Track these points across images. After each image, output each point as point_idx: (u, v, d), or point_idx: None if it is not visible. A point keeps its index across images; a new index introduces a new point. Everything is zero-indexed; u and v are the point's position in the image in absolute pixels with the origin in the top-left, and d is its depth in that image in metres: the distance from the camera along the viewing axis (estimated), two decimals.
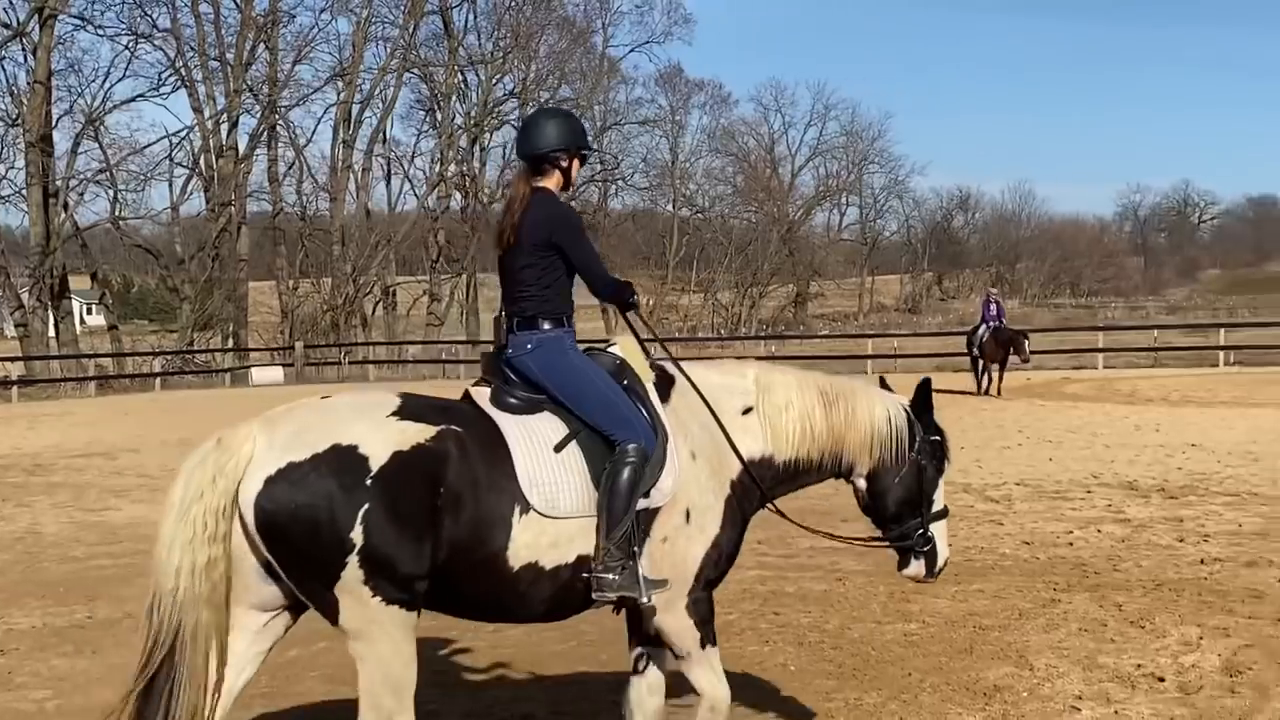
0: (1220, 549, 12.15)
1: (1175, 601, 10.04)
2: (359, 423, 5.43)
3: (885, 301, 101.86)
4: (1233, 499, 15.18)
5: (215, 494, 5.26)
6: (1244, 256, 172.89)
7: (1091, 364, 45.13)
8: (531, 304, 6.02)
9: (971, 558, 12.14)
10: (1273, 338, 50.34)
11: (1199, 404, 28.74)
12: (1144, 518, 14.06)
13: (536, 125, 6.13)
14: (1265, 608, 9.72)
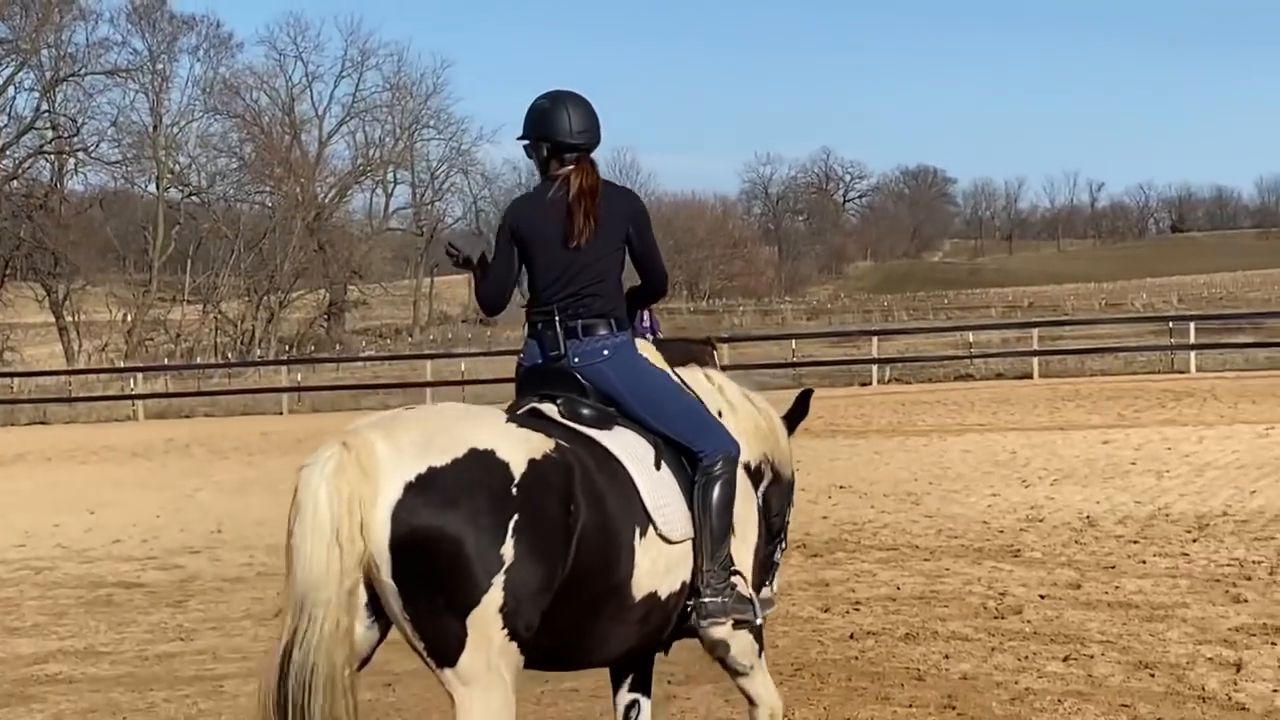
0: (874, 619, 12.69)
1: (819, 690, 10.40)
2: (485, 427, 6.11)
3: (449, 310, 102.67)
4: (889, 554, 15.92)
5: (358, 508, 5.68)
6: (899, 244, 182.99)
7: None
8: (599, 304, 7.01)
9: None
10: (933, 346, 53.48)
11: (849, 434, 30.09)
12: (781, 583, 14.47)
13: (580, 105, 7.33)
14: (928, 692, 10.18)
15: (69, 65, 76.75)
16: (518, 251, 7.13)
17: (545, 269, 7.03)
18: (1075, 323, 62.94)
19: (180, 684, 11.36)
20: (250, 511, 22.17)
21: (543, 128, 7.15)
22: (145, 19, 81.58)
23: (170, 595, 15.69)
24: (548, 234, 7.00)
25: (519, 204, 7.31)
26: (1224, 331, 52.67)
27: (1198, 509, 18.14)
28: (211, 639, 13.14)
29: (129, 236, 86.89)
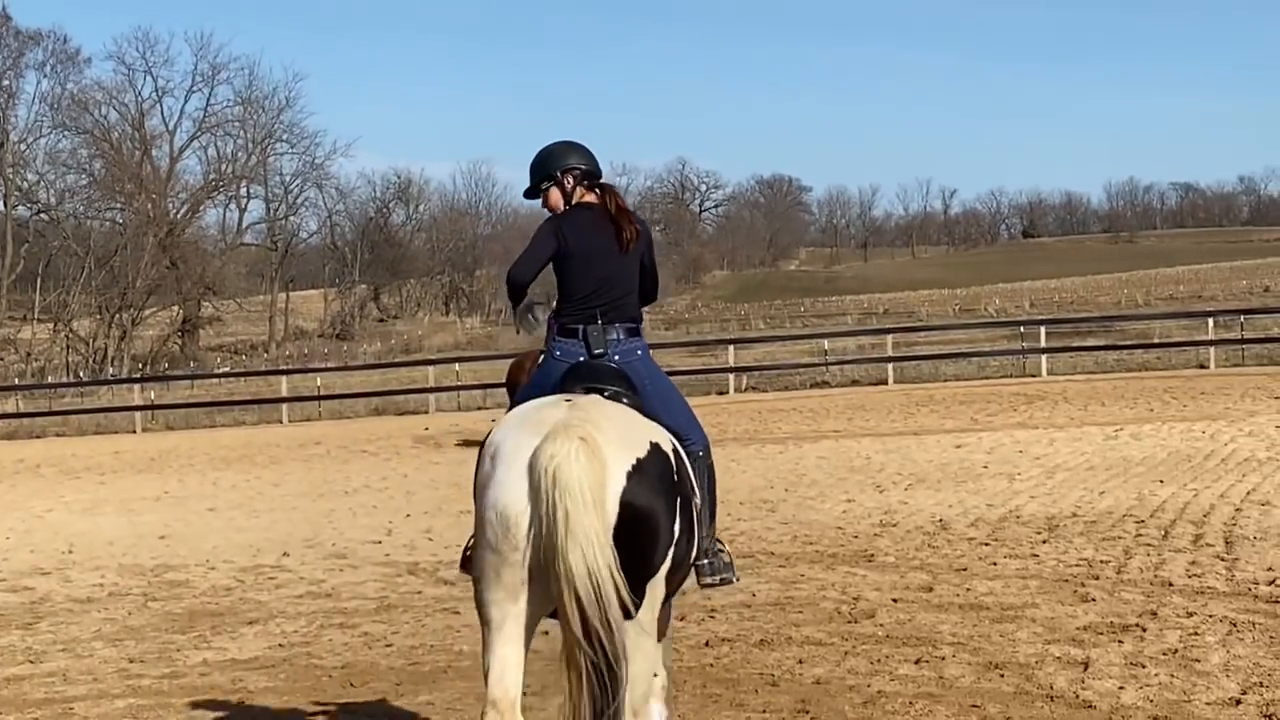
0: (729, 626, 12.78)
1: (674, 697, 10.45)
2: (647, 424, 7.38)
3: (305, 325, 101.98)
4: (745, 561, 16.00)
5: (601, 488, 6.82)
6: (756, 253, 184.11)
7: None
8: (632, 309, 8.31)
9: (417, 660, 12.26)
10: (790, 354, 53.88)
11: None
12: None
13: (582, 145, 8.50)
14: (782, 697, 10.28)
15: None
16: (564, 262, 8.18)
17: (590, 277, 8.13)
18: (929, 328, 63.65)
19: (29, 707, 11.21)
20: (102, 531, 21.93)
21: (570, 161, 8.32)
22: None
23: (20, 617, 15.46)
24: (595, 246, 8.11)
25: (568, 219, 8.23)
26: (1074, 335, 53.53)
27: (1048, 510, 18.42)
28: (62, 660, 12.97)
29: None
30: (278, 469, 30.91)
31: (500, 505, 6.83)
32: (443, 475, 27.35)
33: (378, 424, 42.97)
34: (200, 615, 14.88)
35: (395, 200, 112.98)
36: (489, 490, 6.93)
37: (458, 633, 13.25)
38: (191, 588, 16.63)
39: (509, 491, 6.83)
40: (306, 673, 12.03)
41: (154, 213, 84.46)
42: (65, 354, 78.54)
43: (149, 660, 12.65)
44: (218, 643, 13.45)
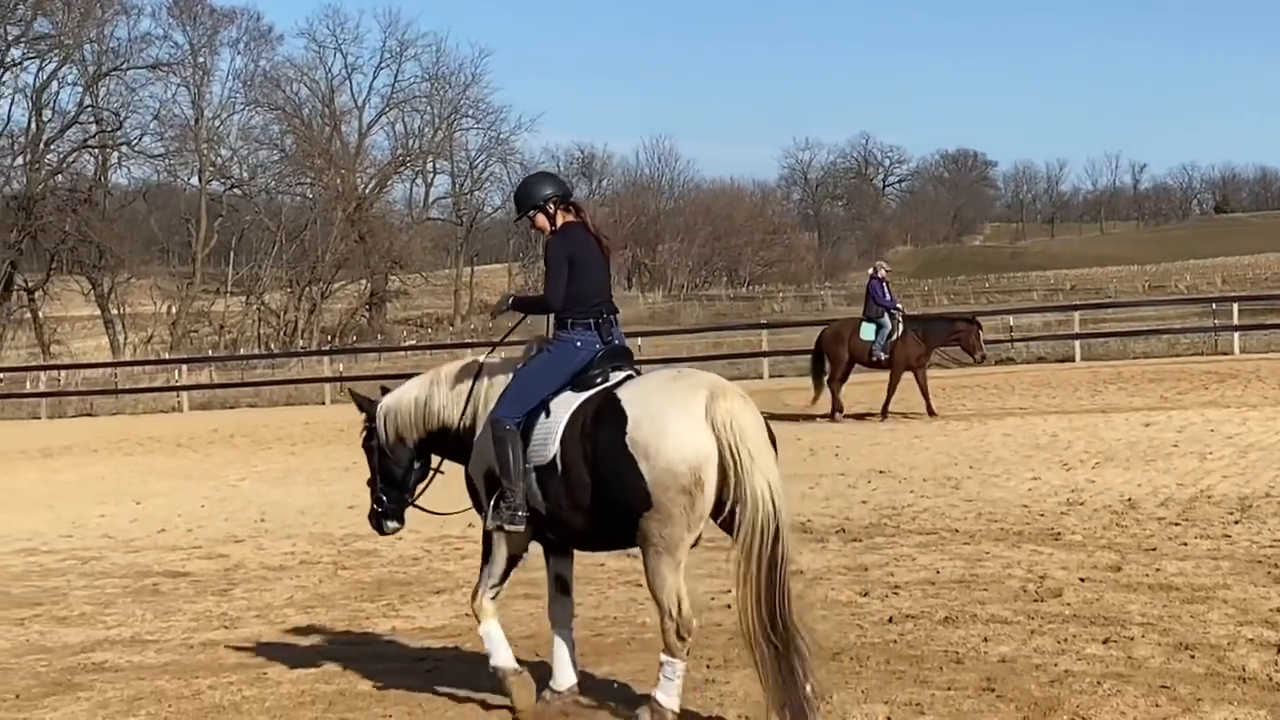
0: (913, 603, 12.71)
1: (858, 674, 10.43)
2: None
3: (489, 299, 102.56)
4: (929, 538, 15.93)
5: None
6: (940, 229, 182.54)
7: (755, 371, 46.65)
8: (613, 302, 10.09)
9: (601, 631, 12.32)
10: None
11: (889, 418, 30.06)
12: (819, 568, 14.58)
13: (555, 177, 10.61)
14: (966, 675, 10.20)
15: (111, 60, 77.13)
16: (572, 270, 9.79)
17: (592, 282, 9.87)
18: (1118, 305, 62.56)
19: (225, 671, 11.46)
20: (293, 500, 22.30)
21: (549, 191, 10.12)
22: (186, 13, 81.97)
23: (215, 584, 15.82)
24: (591, 256, 9.89)
25: (569, 237, 9.91)
26: (1268, 312, 52.24)
27: (1240, 491, 18.08)
28: (256, 627, 13.25)
29: (173, 229, 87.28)
30: None
31: (692, 456, 8.81)
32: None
33: None
34: (388, 584, 15.10)
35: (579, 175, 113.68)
36: (669, 449, 8.83)
37: (640, 605, 13.28)
38: (380, 557, 16.88)
39: (695, 444, 8.83)
40: None
41: (343, 188, 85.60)
42: (257, 326, 79.93)
43: (339, 628, 12.86)
44: (406, 611, 13.65)
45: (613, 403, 9.22)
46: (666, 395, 9.08)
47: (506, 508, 9.64)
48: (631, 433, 8.95)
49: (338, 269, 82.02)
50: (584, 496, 9.26)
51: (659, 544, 8.98)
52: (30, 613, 14.85)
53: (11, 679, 11.84)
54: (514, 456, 9.52)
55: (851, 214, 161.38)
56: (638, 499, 8.90)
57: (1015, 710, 9.32)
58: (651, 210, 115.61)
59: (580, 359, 9.70)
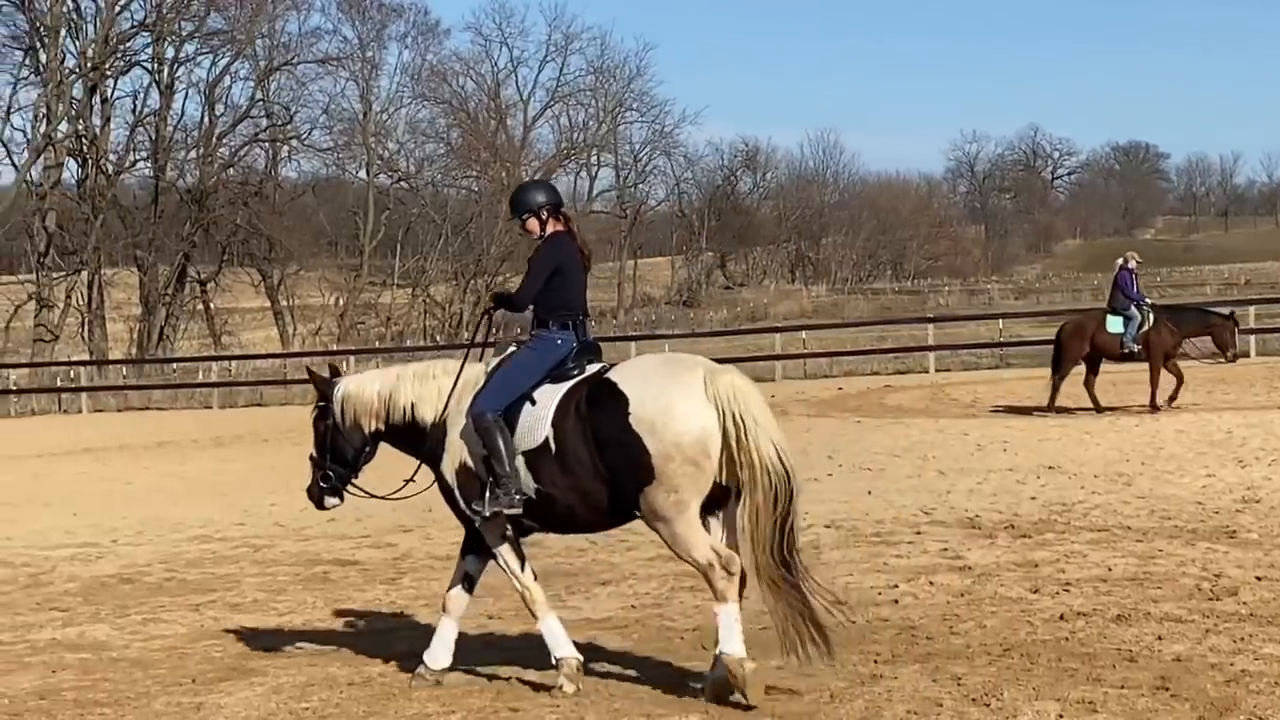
0: (1084, 600, 12.56)
1: (1029, 671, 10.33)
2: None
3: (653, 292, 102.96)
4: (1100, 535, 15.74)
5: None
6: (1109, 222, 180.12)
7: (920, 366, 46.36)
8: (586, 306, 10.96)
9: (767, 625, 12.30)
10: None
11: (1058, 413, 29.72)
12: (988, 564, 14.46)
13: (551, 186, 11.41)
14: (1140, 674, 10.07)
15: (282, 55, 78.19)
16: (555, 276, 10.63)
17: (577, 287, 10.74)
18: None
19: (395, 658, 11.59)
20: None
21: (544, 199, 10.85)
22: (355, 8, 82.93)
23: (384, 573, 16.03)
24: (575, 264, 10.72)
25: (559, 246, 10.71)
26: None
27: None
28: (424, 615, 13.38)
29: (340, 222, 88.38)
30: None
31: (698, 429, 9.67)
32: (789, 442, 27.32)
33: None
34: (555, 575, 15.16)
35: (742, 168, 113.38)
36: (676, 424, 9.69)
37: None
38: (546, 548, 16.93)
39: (701, 419, 9.71)
40: (658, 634, 12.19)
41: (508, 181, 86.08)
42: (423, 318, 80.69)
43: (506, 617, 12.97)
44: (572, 602, 13.71)
45: (608, 385, 10.10)
46: (665, 375, 10.03)
47: (504, 493, 10.27)
48: (635, 411, 9.81)
49: (502, 261, 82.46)
50: (581, 474, 10.07)
51: (670, 510, 9.76)
52: (205, 599, 15.13)
53: (187, 663, 12.08)
54: (504, 443, 10.24)
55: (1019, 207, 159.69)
56: (643, 472, 9.74)
57: (1190, 710, 9.18)
58: (816, 203, 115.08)
59: (559, 354, 10.52)
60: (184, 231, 72.56)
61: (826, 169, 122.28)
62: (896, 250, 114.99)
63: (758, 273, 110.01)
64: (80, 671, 11.98)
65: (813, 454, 25.04)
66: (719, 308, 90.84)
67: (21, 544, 19.53)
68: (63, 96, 67.87)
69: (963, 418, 30.07)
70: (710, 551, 9.86)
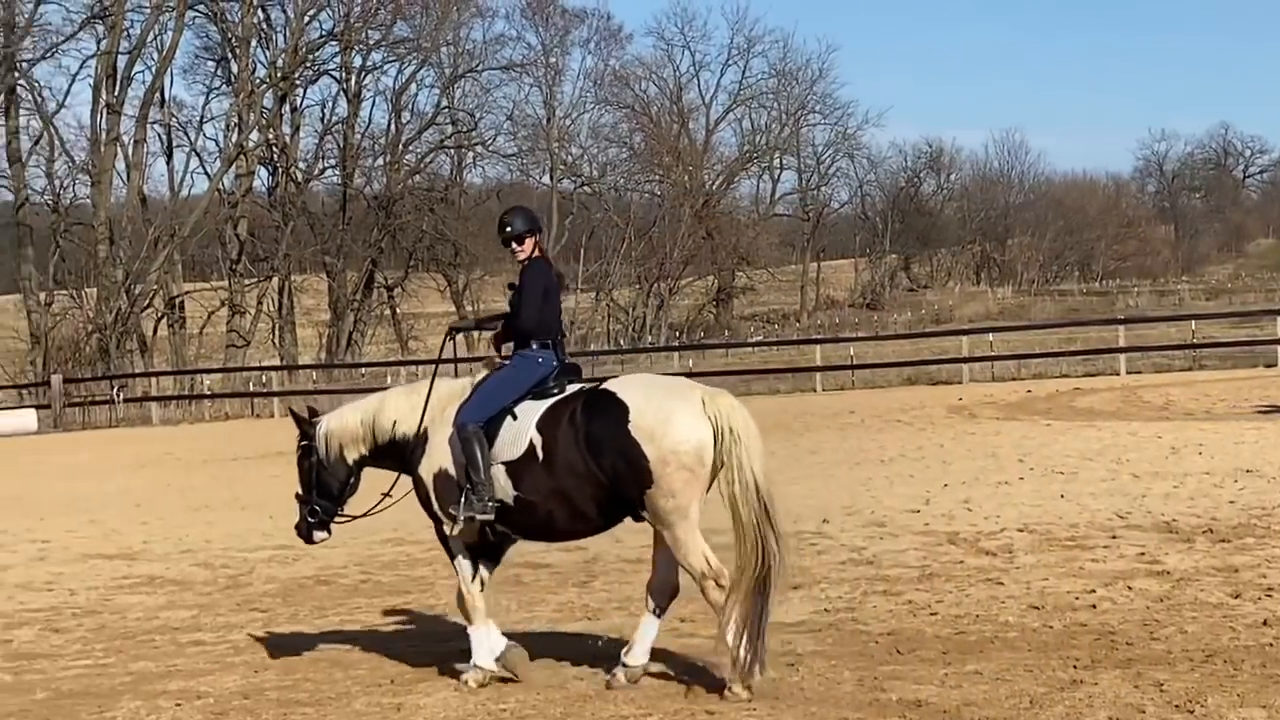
0: None
1: (1232, 677, 10.19)
2: None
3: (836, 295, 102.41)
4: None
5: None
6: None
7: (1111, 368, 45.80)
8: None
9: (963, 629, 12.24)
10: None
11: (1256, 416, 29.23)
12: (1187, 568, 14.27)
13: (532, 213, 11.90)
14: None
15: (466, 62, 78.94)
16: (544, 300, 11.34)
17: (554, 309, 11.45)
18: None
19: (589, 660, 11.67)
20: None
21: (531, 225, 11.56)
22: (538, 14, 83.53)
23: (575, 575, 16.15)
24: (554, 287, 11.50)
25: (544, 269, 11.47)
26: None
27: None
28: (616, 618, 13.48)
29: None
30: (813, 436, 31.27)
31: (696, 440, 10.43)
32: (979, 445, 27.17)
33: (910, 393, 42.97)
34: None
35: (926, 169, 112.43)
36: (675, 434, 10.42)
37: (1002, 603, 13.19)
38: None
39: (699, 431, 10.45)
40: (853, 638, 12.17)
41: (690, 184, 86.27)
42: (606, 322, 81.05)
43: (699, 620, 12.98)
44: None
45: (606, 395, 10.81)
46: (665, 390, 10.89)
47: (478, 499, 10.95)
48: (635, 419, 10.53)
49: (685, 265, 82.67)
50: (568, 480, 10.78)
51: (672, 515, 10.52)
52: (400, 601, 15.36)
53: (385, 665, 12.27)
54: (482, 453, 10.96)
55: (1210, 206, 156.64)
56: (641, 476, 10.47)
57: None
58: (1001, 204, 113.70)
59: (540, 373, 11.25)
60: (371, 238, 73.54)
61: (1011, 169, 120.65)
62: (1084, 251, 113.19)
63: (942, 275, 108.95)
64: (282, 671, 12.24)
65: (1002, 457, 24.87)
66: (903, 310, 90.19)
67: (220, 546, 19.95)
68: (254, 106, 69.22)
69: (1156, 420, 29.64)
70: (704, 561, 10.59)
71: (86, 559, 19.79)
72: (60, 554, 20.41)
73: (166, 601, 16.41)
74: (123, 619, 15.34)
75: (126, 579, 18.01)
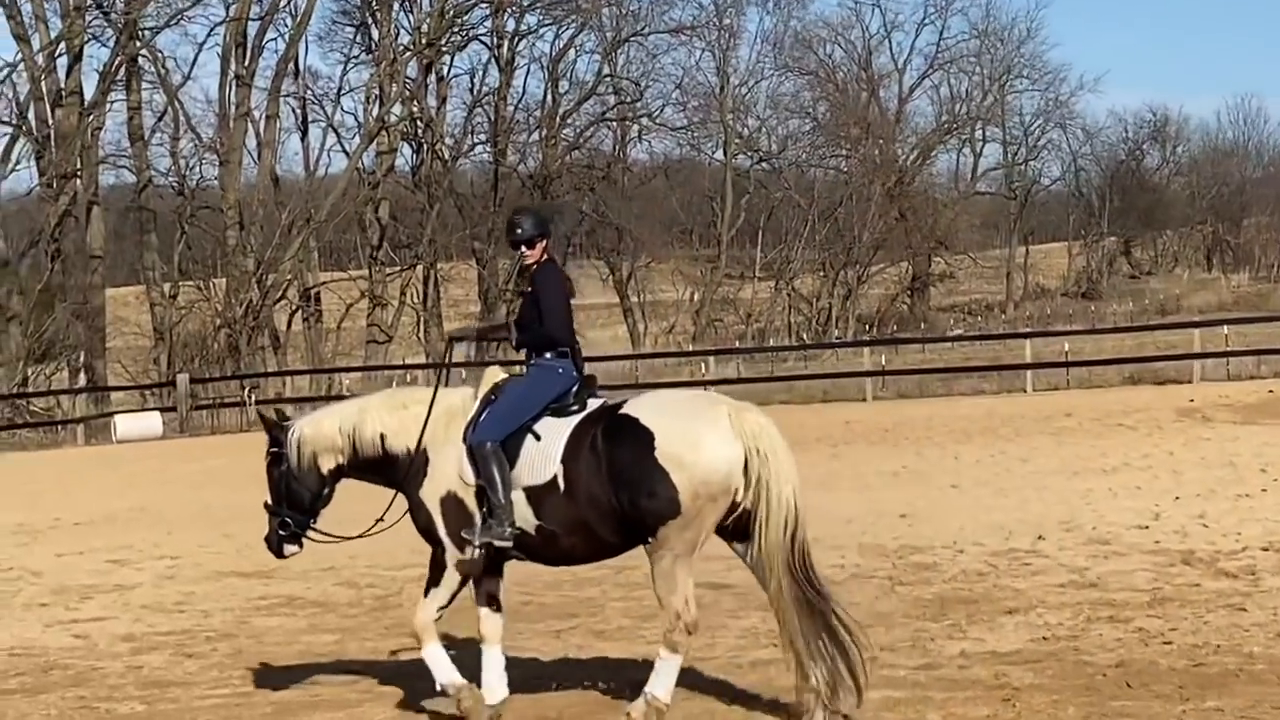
0: None
1: None
2: None
3: (1047, 283, 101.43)
4: None
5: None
6: None
7: None
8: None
9: (1202, 661, 12.11)
10: None
11: None
12: None
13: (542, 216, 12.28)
14: None
15: (631, 24, 78.98)
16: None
17: (568, 317, 11.71)
18: None
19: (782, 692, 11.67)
20: (838, 508, 22.47)
21: (544, 228, 11.84)
22: None
23: (759, 598, 15.91)
24: (566, 293, 11.77)
25: (559, 274, 11.85)
26: None
27: None
28: None
29: (695, 208, 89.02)
30: (1024, 442, 31.05)
31: (726, 467, 10.66)
32: (1214, 453, 26.84)
33: (1133, 394, 42.45)
34: (952, 602, 15.15)
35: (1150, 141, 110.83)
36: (705, 461, 10.64)
37: (1246, 631, 13.06)
38: (940, 571, 16.96)
39: (729, 456, 10.68)
40: (1076, 670, 12.09)
41: (881, 159, 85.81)
42: (787, 314, 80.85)
43: (901, 649, 12.97)
44: (974, 633, 13.68)
45: (628, 420, 11.01)
46: (689, 411, 11.12)
47: (497, 524, 11.15)
48: (661, 446, 10.72)
49: (875, 250, 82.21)
50: (591, 512, 10.97)
51: (678, 548, 10.79)
52: (566, 625, 15.47)
53: (549, 699, 12.31)
54: (501, 474, 11.14)
55: None
56: (668, 507, 10.69)
57: None
58: (1235, 180, 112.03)
59: (560, 386, 11.45)
60: None
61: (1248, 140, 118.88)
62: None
63: (1167, 259, 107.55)
64: (443, 702, 12.35)
65: (1242, 466, 24.56)
66: (1123, 299, 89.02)
67: (365, 564, 20.08)
68: (396, 76, 69.75)
69: None
70: (684, 603, 10.95)
71: (220, 577, 20.11)
72: (191, 571, 20.77)
73: (308, 624, 16.64)
74: (260, 643, 15.58)
75: (263, 599, 18.28)
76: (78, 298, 61.51)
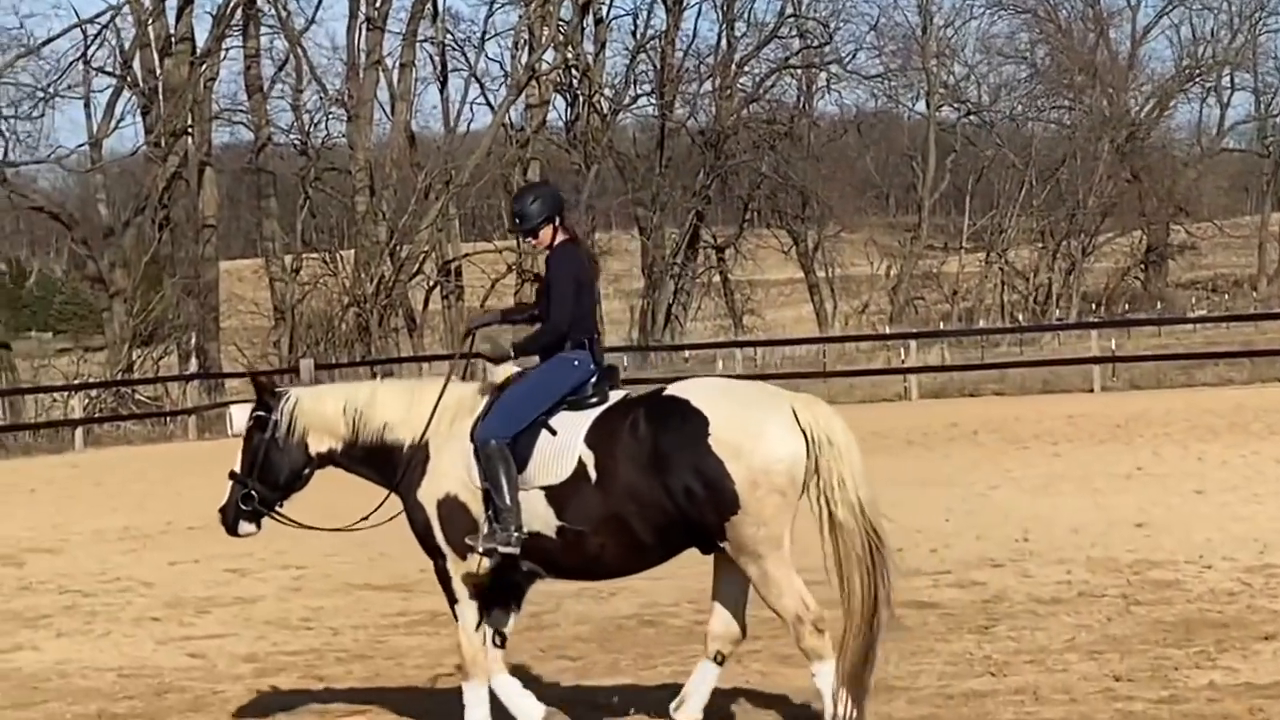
0: None
1: None
2: None
3: None
4: None
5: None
6: None
7: None
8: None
9: None
10: None
11: None
12: None
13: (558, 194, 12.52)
14: None
15: None
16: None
17: (588, 303, 11.86)
18: None
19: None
20: (1061, 515, 22.38)
21: (557, 206, 12.01)
22: None
23: (973, 619, 16.08)
24: (588, 278, 12.01)
25: (575, 256, 11.96)
26: None
27: None
28: (1029, 674, 13.39)
29: (892, 169, 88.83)
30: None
31: (790, 458, 10.88)
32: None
33: None
34: (1199, 625, 14.99)
35: None
36: (767, 450, 10.88)
37: None
38: (1184, 590, 16.79)
39: (793, 446, 10.92)
40: None
41: (1110, 111, 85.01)
42: (1000, 292, 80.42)
43: (1139, 679, 12.86)
44: (1225, 661, 13.52)
45: (677, 403, 11.25)
46: (751, 398, 11.43)
47: (502, 529, 11.24)
48: (716, 433, 10.93)
49: (1104, 217, 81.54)
50: (627, 504, 11.11)
51: (761, 546, 10.95)
52: (748, 648, 15.40)
53: None
54: (508, 475, 11.26)
55: None
56: (725, 501, 10.88)
57: None
58: None
59: (576, 378, 11.66)
60: (696, 184, 73.90)
61: None
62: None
63: None
64: None
65: None
66: None
67: None
68: (548, 19, 69.82)
69: None
70: (800, 602, 11.14)
71: (351, 590, 20.26)
72: (319, 583, 20.93)
73: (451, 644, 16.69)
74: (400, 665, 15.71)
75: (401, 616, 18.40)
76: (188, 272, 62.14)
